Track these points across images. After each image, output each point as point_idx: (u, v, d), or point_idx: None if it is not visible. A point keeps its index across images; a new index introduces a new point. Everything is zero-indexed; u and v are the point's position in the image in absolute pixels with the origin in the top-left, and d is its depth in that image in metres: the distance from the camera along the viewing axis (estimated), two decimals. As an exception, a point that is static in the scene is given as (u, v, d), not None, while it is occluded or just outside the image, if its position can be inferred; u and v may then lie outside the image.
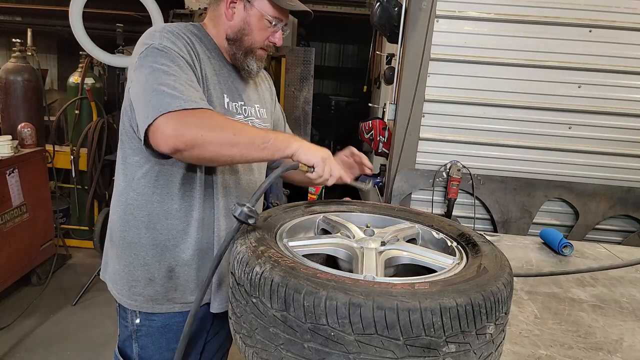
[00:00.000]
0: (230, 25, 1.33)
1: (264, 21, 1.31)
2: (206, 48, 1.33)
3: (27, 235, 3.34)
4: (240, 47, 1.34)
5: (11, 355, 2.76)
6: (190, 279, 1.35)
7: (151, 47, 1.19)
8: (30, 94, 3.61)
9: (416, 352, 0.76)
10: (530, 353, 1.14)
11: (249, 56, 1.35)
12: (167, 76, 1.14)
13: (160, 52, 1.18)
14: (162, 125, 1.09)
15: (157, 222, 1.31)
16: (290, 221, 1.22)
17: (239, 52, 1.34)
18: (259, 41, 1.34)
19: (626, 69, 2.54)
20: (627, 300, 1.48)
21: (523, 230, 2.70)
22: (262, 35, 1.34)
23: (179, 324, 1.36)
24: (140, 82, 1.16)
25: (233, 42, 1.34)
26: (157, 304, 1.34)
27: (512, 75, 2.60)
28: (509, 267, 0.99)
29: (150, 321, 1.35)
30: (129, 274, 1.33)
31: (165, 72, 1.15)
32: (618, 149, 2.65)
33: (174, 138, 1.09)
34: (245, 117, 1.39)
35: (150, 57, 1.18)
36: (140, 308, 1.33)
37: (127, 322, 1.36)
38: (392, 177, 2.73)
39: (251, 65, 1.36)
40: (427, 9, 2.52)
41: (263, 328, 0.86)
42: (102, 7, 4.73)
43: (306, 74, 5.45)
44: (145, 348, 1.37)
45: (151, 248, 1.31)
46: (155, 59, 1.17)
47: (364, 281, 0.85)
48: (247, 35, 1.32)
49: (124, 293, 1.34)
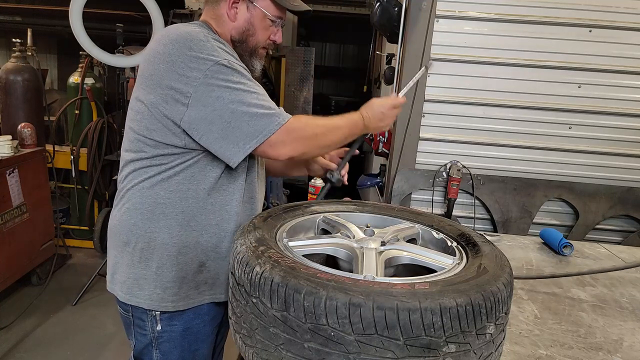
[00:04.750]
0: (234, 27, 1.33)
1: (267, 21, 1.33)
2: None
3: (27, 235, 3.34)
4: (246, 49, 1.35)
5: (11, 355, 2.76)
6: (221, 271, 1.36)
7: (217, 63, 1.18)
8: (30, 94, 3.61)
9: (416, 352, 0.77)
10: (530, 353, 1.14)
11: (253, 56, 1.36)
12: (250, 95, 1.19)
13: (229, 68, 1.19)
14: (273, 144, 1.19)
15: (192, 219, 1.29)
16: (290, 221, 1.22)
17: (245, 54, 1.35)
18: (262, 41, 1.36)
19: (626, 69, 2.54)
20: (627, 300, 1.48)
21: (523, 230, 2.69)
22: (265, 34, 1.35)
23: (199, 325, 1.38)
24: (221, 104, 1.17)
25: (239, 44, 1.34)
26: (190, 299, 1.34)
27: (512, 75, 2.59)
28: (509, 267, 0.99)
29: (172, 326, 1.34)
30: (159, 277, 1.30)
31: (247, 91, 1.19)
32: (618, 149, 2.64)
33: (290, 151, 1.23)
34: None
35: (222, 74, 1.17)
36: (175, 308, 1.31)
37: (146, 330, 1.34)
38: (392, 177, 2.73)
39: (255, 65, 1.38)
40: (427, 9, 2.52)
41: (263, 328, 0.86)
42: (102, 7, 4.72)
43: (306, 74, 5.45)
44: (168, 353, 1.36)
45: (183, 246, 1.30)
46: (228, 77, 1.18)
47: (364, 281, 0.85)
48: (252, 36, 1.34)
49: (153, 298, 1.30)
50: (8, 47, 5.71)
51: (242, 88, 1.18)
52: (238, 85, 1.18)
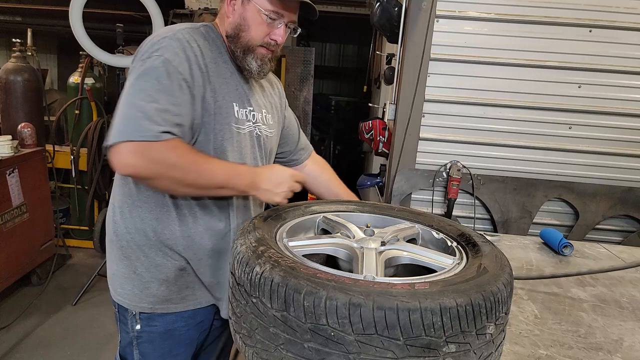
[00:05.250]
0: (229, 22, 1.29)
1: (261, 16, 1.26)
2: (218, 52, 1.30)
3: (27, 235, 3.34)
4: (238, 45, 1.29)
5: (11, 355, 2.76)
6: (204, 276, 1.33)
7: (152, 58, 1.15)
8: (30, 94, 3.61)
9: (416, 352, 0.76)
10: (530, 353, 1.14)
11: (248, 55, 1.29)
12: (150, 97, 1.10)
13: (156, 69, 1.14)
14: (123, 151, 1.08)
15: (166, 227, 1.28)
16: (290, 221, 1.22)
17: (238, 50, 1.29)
18: (257, 38, 1.28)
19: (626, 69, 2.54)
20: (627, 300, 1.48)
21: (523, 230, 2.69)
22: (260, 31, 1.27)
23: (182, 328, 1.34)
24: (125, 93, 1.14)
25: (232, 39, 1.29)
26: (172, 303, 1.31)
27: (512, 75, 2.59)
28: (509, 267, 0.99)
29: (152, 327, 1.32)
30: (138, 277, 1.30)
31: (149, 94, 1.11)
32: (618, 149, 2.64)
33: (132, 167, 1.09)
34: (254, 124, 1.37)
35: (145, 68, 1.14)
36: (152, 310, 1.30)
37: (128, 328, 1.33)
38: (392, 177, 2.73)
39: (251, 64, 1.30)
40: (427, 9, 2.52)
41: (263, 328, 0.86)
42: (102, 7, 4.73)
43: (306, 74, 5.45)
44: (147, 355, 1.34)
45: (160, 248, 1.29)
46: (149, 72, 1.13)
47: (364, 281, 0.85)
48: (244, 32, 1.27)
49: (131, 298, 1.30)
50: (8, 47, 5.71)
51: (148, 89, 1.11)
52: (150, 84, 1.12)
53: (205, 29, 1.31)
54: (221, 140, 1.27)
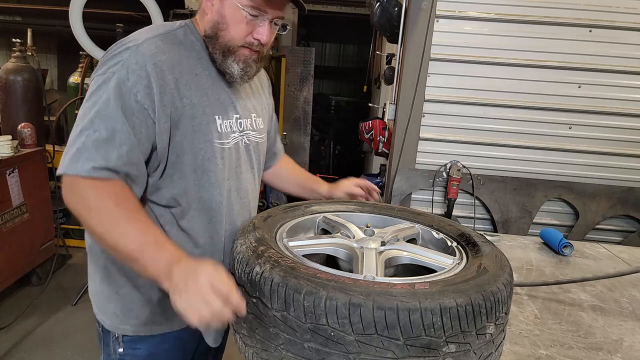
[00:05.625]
0: (207, 20, 1.15)
1: (241, 13, 1.10)
2: (197, 58, 1.16)
3: (27, 235, 3.34)
4: (217, 46, 1.14)
5: (11, 355, 2.76)
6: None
7: (106, 75, 1.03)
8: (30, 94, 3.61)
9: (416, 352, 0.77)
10: (530, 353, 1.14)
11: (228, 57, 1.14)
12: (92, 125, 1.00)
13: (106, 89, 1.02)
14: (65, 183, 1.00)
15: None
16: (290, 221, 1.22)
17: (217, 52, 1.15)
18: (237, 37, 1.13)
19: (626, 69, 2.54)
20: (627, 300, 1.48)
21: (523, 230, 2.70)
22: (241, 30, 1.12)
23: (167, 350, 1.26)
24: (79, 115, 1.03)
25: (210, 40, 1.15)
26: (156, 325, 1.22)
27: (512, 75, 2.59)
28: (509, 267, 0.99)
29: (135, 350, 1.23)
30: (122, 298, 1.20)
31: (92, 121, 1.00)
32: (618, 149, 2.64)
33: (65, 201, 1.00)
34: (241, 133, 1.24)
35: (97, 87, 1.03)
36: (135, 332, 1.21)
37: (110, 349, 1.24)
38: (392, 177, 2.73)
39: (232, 68, 1.15)
40: (427, 9, 2.52)
41: (263, 328, 0.86)
42: (102, 7, 4.73)
43: (306, 74, 5.45)
44: None
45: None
46: (98, 93, 1.02)
47: (364, 281, 0.85)
48: (223, 31, 1.12)
49: (113, 320, 1.21)
50: (8, 47, 5.71)
51: (94, 115, 1.00)
52: (100, 108, 1.01)
53: (184, 30, 1.17)
54: (202, 160, 1.14)
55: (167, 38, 1.12)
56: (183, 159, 1.12)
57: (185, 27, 1.18)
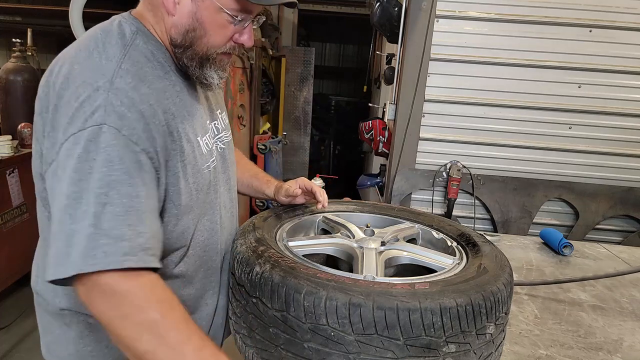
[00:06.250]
0: (174, 24, 0.91)
1: (223, 15, 0.90)
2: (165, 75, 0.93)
3: (27, 235, 3.33)
4: (193, 56, 0.93)
5: (11, 355, 2.76)
6: None
7: (88, 130, 0.78)
8: (30, 94, 3.61)
9: (416, 352, 0.77)
10: (530, 353, 1.14)
11: (206, 66, 0.95)
12: (105, 198, 0.76)
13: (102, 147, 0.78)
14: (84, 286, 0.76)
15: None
16: (290, 221, 1.22)
17: (192, 63, 0.94)
18: (218, 43, 0.93)
19: (626, 69, 2.54)
20: (627, 300, 1.48)
21: (523, 230, 2.70)
22: (223, 34, 0.92)
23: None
24: (63, 194, 0.77)
25: (182, 49, 0.93)
26: None
27: (512, 75, 2.60)
28: (509, 267, 0.99)
29: None
30: (112, 350, 0.97)
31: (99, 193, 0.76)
32: (618, 149, 2.64)
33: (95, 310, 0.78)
34: (215, 136, 1.08)
35: (83, 150, 0.77)
36: None
37: None
38: (392, 177, 2.73)
39: (211, 77, 0.97)
40: (427, 9, 2.52)
41: (263, 328, 0.86)
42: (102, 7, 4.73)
43: (306, 74, 5.45)
44: None
45: None
46: (92, 156, 0.77)
47: (364, 281, 0.85)
48: (201, 39, 0.91)
49: None
50: (8, 47, 5.71)
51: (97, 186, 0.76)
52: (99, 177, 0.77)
53: (143, 39, 0.91)
54: (196, 192, 0.97)
55: (132, 57, 0.87)
56: (180, 200, 0.93)
57: (140, 34, 0.91)
